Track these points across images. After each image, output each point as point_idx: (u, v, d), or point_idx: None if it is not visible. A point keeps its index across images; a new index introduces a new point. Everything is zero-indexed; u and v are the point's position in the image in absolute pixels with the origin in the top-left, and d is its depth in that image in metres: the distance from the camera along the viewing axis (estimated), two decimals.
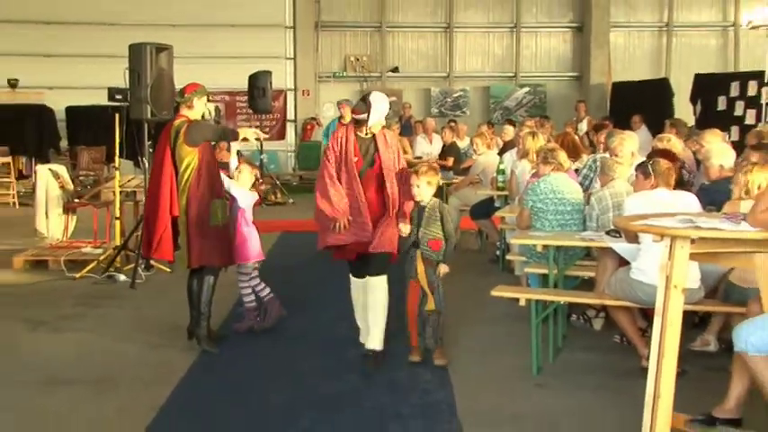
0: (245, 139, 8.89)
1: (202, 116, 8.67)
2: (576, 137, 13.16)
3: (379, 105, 7.76)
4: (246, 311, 8.87)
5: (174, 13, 21.21)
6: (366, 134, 7.79)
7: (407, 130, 21.20)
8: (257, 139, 9.25)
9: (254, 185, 9.09)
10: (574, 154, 10.08)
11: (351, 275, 8.19)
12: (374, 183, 7.75)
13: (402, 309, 7.98)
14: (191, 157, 8.10)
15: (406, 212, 7.74)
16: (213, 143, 8.83)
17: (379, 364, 7.71)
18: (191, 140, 8.03)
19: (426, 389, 7.11)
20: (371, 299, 7.82)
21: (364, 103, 7.86)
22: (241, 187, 8.66)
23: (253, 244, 8.71)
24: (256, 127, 21.64)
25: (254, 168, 9.28)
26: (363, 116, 7.80)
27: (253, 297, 8.78)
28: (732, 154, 9.31)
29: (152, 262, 11.54)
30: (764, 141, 8.86)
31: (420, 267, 7.63)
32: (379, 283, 7.78)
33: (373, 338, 7.80)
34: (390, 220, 7.72)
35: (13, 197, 19.76)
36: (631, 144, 9.57)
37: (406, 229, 7.69)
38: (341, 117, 15.25)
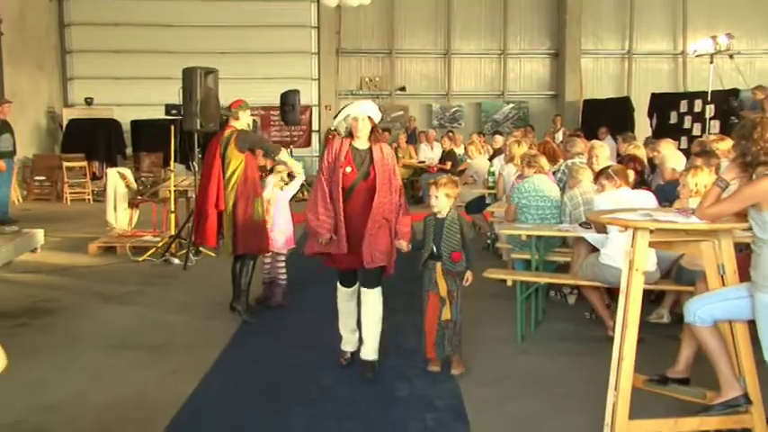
0: (282, 162, 8.90)
1: (247, 126, 8.73)
2: (554, 145, 13.11)
3: (347, 109, 6.62)
4: (279, 287, 8.87)
5: (220, 43, 21.22)
6: (362, 146, 6.54)
7: (413, 138, 21.29)
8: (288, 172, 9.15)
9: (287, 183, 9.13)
10: (552, 159, 10.05)
11: (339, 284, 6.87)
12: (367, 196, 6.45)
13: (396, 319, 7.46)
14: (237, 162, 8.24)
15: (403, 231, 6.56)
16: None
17: (375, 371, 6.63)
18: (240, 147, 8.17)
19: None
20: (366, 311, 6.67)
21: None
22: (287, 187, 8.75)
23: (287, 233, 8.73)
24: (287, 135, 21.93)
25: (288, 169, 9.30)
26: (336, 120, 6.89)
27: (285, 276, 8.79)
28: (682, 159, 9.33)
29: (200, 248, 11.58)
30: (707, 149, 8.84)
31: (440, 279, 6.51)
32: (374, 295, 6.63)
33: (369, 349, 6.68)
34: (379, 233, 6.43)
35: (89, 195, 19.79)
36: (604, 151, 9.58)
37: (403, 245, 6.58)
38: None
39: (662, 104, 20.48)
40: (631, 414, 4.93)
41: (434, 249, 6.57)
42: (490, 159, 14.31)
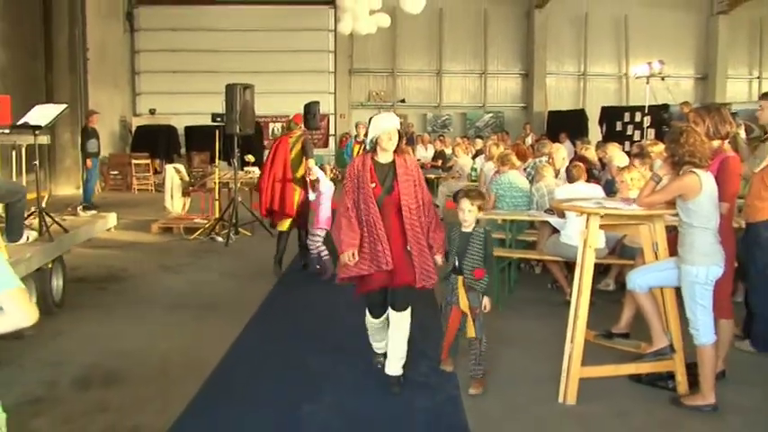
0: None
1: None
2: (525, 147, 13.11)
3: (378, 122, 5.25)
4: (325, 262, 8.75)
5: (255, 64, 21.25)
6: (385, 160, 5.22)
7: (411, 141, 21.29)
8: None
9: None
10: (523, 158, 10.04)
11: (368, 313, 5.48)
12: (394, 210, 5.17)
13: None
14: (299, 158, 8.81)
15: (438, 244, 5.26)
16: None
17: (401, 385, 5.29)
18: (308, 151, 8.53)
19: (421, 320, 7.13)
20: (395, 331, 5.31)
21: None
22: (326, 179, 8.81)
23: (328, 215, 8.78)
24: (310, 137, 21.94)
25: (334, 168, 9.69)
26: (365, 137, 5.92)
27: (326, 252, 8.76)
28: (626, 159, 9.34)
29: (238, 229, 11.63)
30: (643, 151, 8.85)
31: (462, 294, 5.24)
32: (405, 317, 5.30)
33: (395, 365, 5.34)
34: (424, 250, 5.19)
35: (151, 186, 19.83)
36: (563, 152, 9.59)
37: (439, 260, 5.27)
38: (356, 135, 13.86)
39: (610, 115, 20.48)
40: (584, 362, 4.97)
41: (456, 263, 5.28)
42: (473, 158, 14.32)
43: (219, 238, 11.50)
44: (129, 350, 6.08)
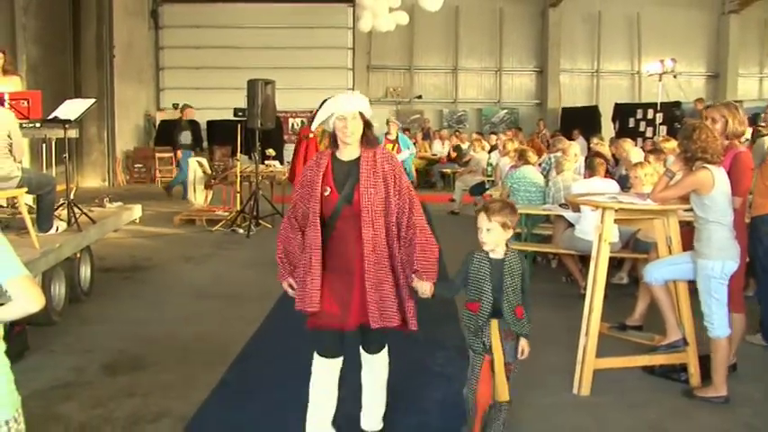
0: None
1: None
2: (540, 142, 13.11)
3: (330, 103, 3.84)
4: None
5: (276, 61, 21.20)
6: (348, 157, 3.83)
7: (427, 136, 21.32)
8: None
9: None
10: (538, 153, 10.03)
11: (315, 352, 3.99)
12: (357, 225, 3.73)
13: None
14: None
15: (425, 265, 3.75)
16: None
17: None
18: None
19: (438, 310, 7.11)
20: (371, 378, 4.11)
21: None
22: None
23: None
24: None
25: None
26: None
27: None
28: (641, 154, 9.32)
29: (259, 221, 11.66)
30: (657, 147, 8.81)
31: (496, 341, 3.83)
32: (380, 360, 4.07)
33: (374, 419, 4.19)
34: (385, 280, 3.75)
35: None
36: (576, 149, 9.55)
37: (426, 288, 3.76)
38: (387, 133, 12.82)
39: (623, 112, 20.40)
40: (598, 353, 4.96)
41: (493, 302, 3.81)
42: (489, 153, 14.31)
43: (241, 230, 11.54)
44: (154, 337, 6.12)
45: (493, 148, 14.83)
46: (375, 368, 4.10)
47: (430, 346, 5.94)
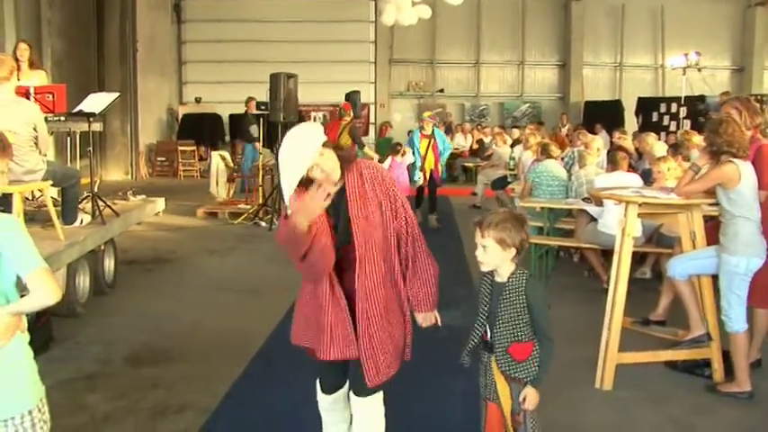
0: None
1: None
2: (563, 136, 13.06)
3: (285, 162, 3.12)
4: None
5: (298, 54, 21.19)
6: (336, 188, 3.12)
7: (449, 130, 21.27)
8: None
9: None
10: (561, 147, 9.96)
11: (318, 387, 3.60)
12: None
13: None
14: (348, 143, 9.63)
15: (425, 294, 3.41)
16: None
17: None
18: (351, 134, 8.81)
19: (461, 299, 7.08)
20: (361, 425, 3.44)
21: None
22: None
23: (404, 185, 9.46)
24: (357, 125, 22.05)
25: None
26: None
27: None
28: (664, 148, 9.26)
29: None
30: (678, 143, 8.75)
31: (501, 384, 3.24)
32: (372, 404, 3.42)
33: None
34: (384, 326, 3.27)
35: (197, 172, 19.95)
36: (599, 143, 9.49)
37: (429, 318, 3.47)
38: (422, 128, 11.71)
39: (646, 106, 20.22)
40: (620, 348, 4.94)
41: (485, 332, 3.28)
42: (511, 147, 14.27)
43: (263, 223, 11.58)
44: (177, 330, 6.17)
45: (515, 142, 14.78)
46: (369, 411, 3.42)
47: (452, 339, 5.93)
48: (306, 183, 3.11)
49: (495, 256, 3.17)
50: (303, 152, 3.10)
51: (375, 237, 3.24)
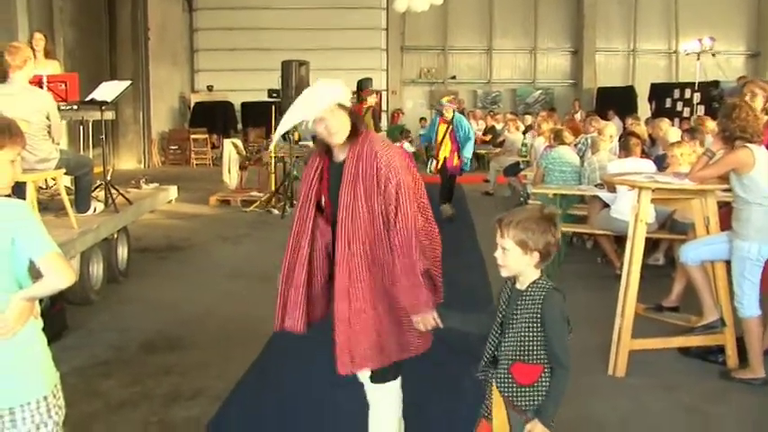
0: None
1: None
2: (577, 123, 12.99)
3: (305, 106, 3.13)
4: None
5: (310, 42, 21.15)
6: (340, 157, 3.19)
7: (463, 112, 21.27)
8: None
9: None
10: (575, 134, 9.92)
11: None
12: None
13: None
14: (371, 125, 9.59)
15: (413, 298, 3.12)
16: None
17: None
18: (375, 123, 9.10)
19: (471, 293, 7.10)
20: (374, 415, 3.43)
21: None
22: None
23: None
24: (378, 110, 22.05)
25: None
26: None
27: None
28: (678, 134, 9.22)
29: (294, 201, 11.71)
30: (695, 127, 8.70)
31: (498, 409, 2.75)
32: (384, 393, 3.38)
33: None
34: (375, 311, 3.17)
35: (209, 160, 19.99)
36: (612, 129, 9.45)
37: (428, 321, 3.17)
38: (441, 113, 11.13)
39: (659, 92, 20.08)
40: (633, 334, 4.93)
41: (490, 347, 2.80)
42: (523, 134, 14.24)
43: (275, 211, 11.60)
44: (191, 317, 6.20)
45: (528, 128, 14.74)
46: (381, 400, 3.39)
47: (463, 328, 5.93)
48: (320, 145, 3.20)
49: (515, 260, 2.69)
50: (313, 100, 3.09)
51: (362, 215, 3.08)
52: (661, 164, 8.04)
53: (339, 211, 3.11)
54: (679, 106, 18.87)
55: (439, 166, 11.00)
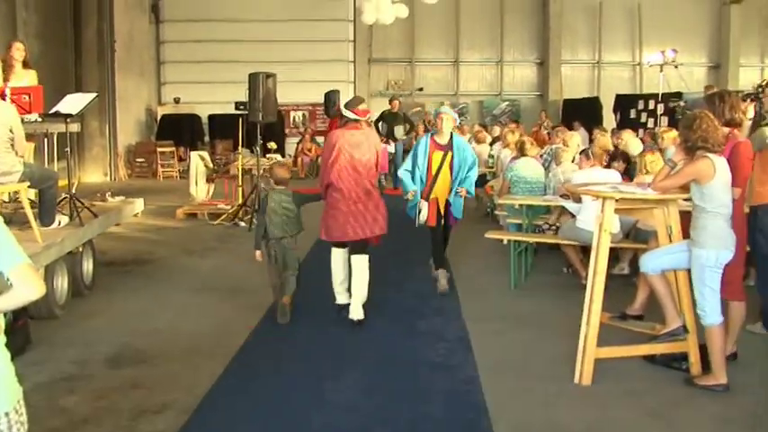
0: None
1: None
2: (543, 134, 13.12)
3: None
4: None
5: (277, 54, 21.11)
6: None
7: (427, 129, 21.27)
8: None
9: None
10: (541, 145, 10.02)
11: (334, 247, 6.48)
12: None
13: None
14: None
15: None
16: None
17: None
18: None
19: (440, 303, 7.14)
20: (356, 270, 6.25)
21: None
22: None
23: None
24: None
25: None
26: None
27: None
28: (640, 146, 9.34)
29: None
30: (656, 138, 8.85)
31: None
32: (363, 259, 6.26)
33: (357, 309, 6.21)
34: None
35: (176, 172, 19.87)
36: (576, 139, 9.56)
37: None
38: (434, 132, 10.09)
39: (624, 103, 20.37)
40: (599, 343, 4.97)
41: None
42: (490, 145, 14.31)
43: (243, 224, 11.54)
44: (157, 330, 6.15)
45: (495, 139, 14.83)
46: (361, 264, 6.21)
47: (431, 337, 5.98)
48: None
49: None
50: None
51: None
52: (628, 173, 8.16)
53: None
54: (643, 117, 19.15)
55: (435, 217, 7.45)
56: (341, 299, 6.56)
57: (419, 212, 7.34)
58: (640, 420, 4.44)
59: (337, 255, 6.53)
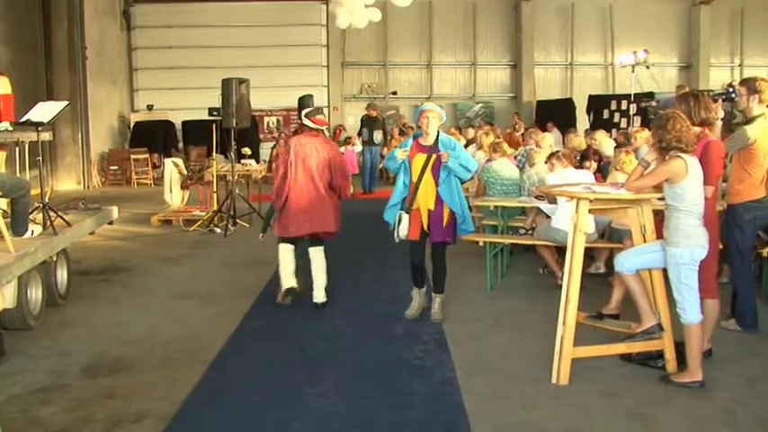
0: None
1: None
2: (517, 136, 13.18)
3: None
4: None
5: (250, 59, 21.09)
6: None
7: (403, 132, 21.29)
8: None
9: None
10: (515, 146, 10.07)
11: (282, 243, 6.99)
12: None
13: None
14: None
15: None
16: None
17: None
18: None
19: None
20: (316, 261, 6.92)
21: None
22: None
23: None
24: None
25: None
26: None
27: None
28: (613, 145, 9.41)
29: (236, 220, 11.63)
30: (628, 138, 8.93)
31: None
32: (320, 251, 6.94)
33: (320, 293, 6.89)
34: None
35: (150, 180, 19.78)
36: (549, 140, 9.62)
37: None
38: (417, 134, 9.52)
39: (597, 104, 20.53)
40: (575, 342, 5.00)
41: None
42: (465, 147, 14.34)
43: (218, 230, 11.50)
44: (133, 339, 6.10)
45: (470, 141, 14.86)
46: (319, 254, 6.95)
47: (408, 340, 5.99)
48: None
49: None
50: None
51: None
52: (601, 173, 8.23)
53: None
54: (616, 117, 19.31)
55: (419, 231, 6.46)
56: (289, 282, 6.99)
57: (398, 224, 6.28)
58: (618, 419, 4.47)
59: (285, 248, 7.00)
